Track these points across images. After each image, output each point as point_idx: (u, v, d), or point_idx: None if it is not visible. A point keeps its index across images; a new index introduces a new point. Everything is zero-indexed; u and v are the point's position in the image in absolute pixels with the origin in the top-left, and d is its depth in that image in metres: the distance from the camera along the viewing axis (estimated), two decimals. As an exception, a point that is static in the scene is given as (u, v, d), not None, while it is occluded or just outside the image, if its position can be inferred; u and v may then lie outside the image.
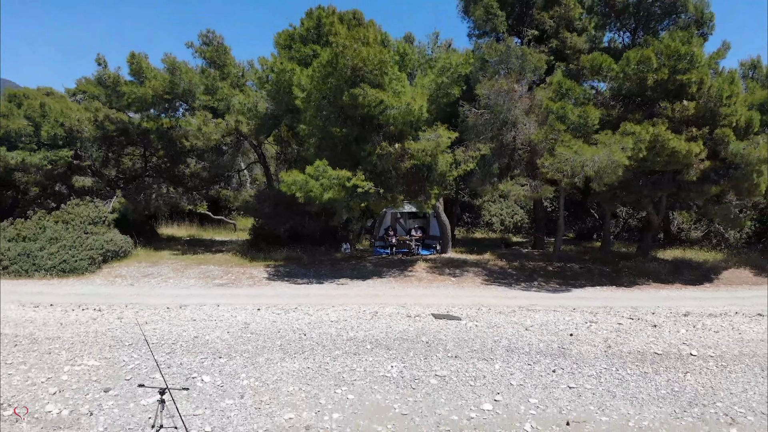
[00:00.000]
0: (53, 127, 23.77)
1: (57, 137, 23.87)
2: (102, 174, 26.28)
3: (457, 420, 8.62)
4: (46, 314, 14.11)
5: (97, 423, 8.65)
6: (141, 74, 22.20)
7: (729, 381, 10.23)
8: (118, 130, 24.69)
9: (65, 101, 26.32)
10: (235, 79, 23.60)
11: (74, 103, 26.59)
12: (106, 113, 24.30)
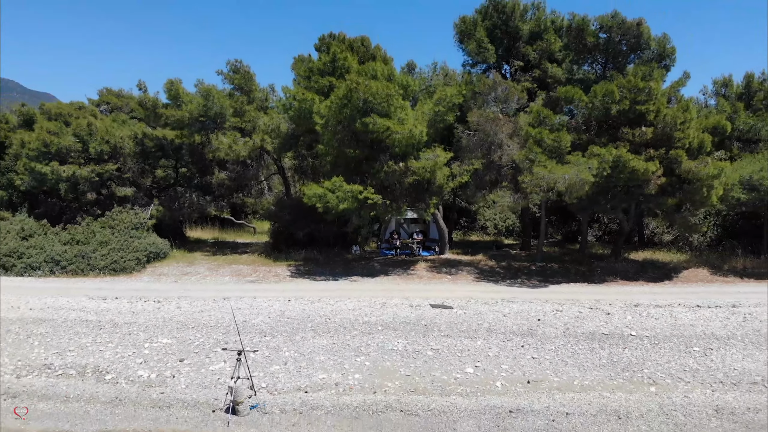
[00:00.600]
0: (99, 144, 26.80)
1: (103, 153, 26.91)
2: (139, 184, 29.26)
3: (447, 379, 11.55)
4: (116, 305, 17.08)
5: (180, 382, 11.58)
6: (178, 99, 25.20)
7: (657, 354, 13.12)
8: (155, 146, 27.70)
9: (108, 120, 29.27)
10: (259, 102, 26.61)
11: (115, 122, 29.52)
12: (146, 131, 27.31)
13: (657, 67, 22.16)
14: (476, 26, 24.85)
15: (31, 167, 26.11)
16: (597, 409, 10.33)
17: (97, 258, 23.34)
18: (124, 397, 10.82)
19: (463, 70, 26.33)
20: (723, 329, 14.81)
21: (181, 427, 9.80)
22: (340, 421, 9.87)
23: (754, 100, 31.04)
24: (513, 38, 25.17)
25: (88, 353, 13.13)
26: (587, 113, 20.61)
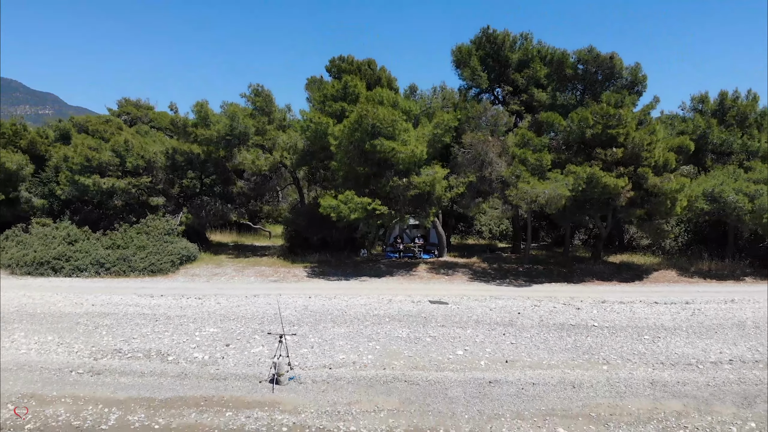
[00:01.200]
0: (135, 159, 29.64)
1: (138, 167, 29.76)
2: (168, 193, 32.07)
3: (441, 359, 14.32)
4: (164, 301, 19.90)
5: (229, 362, 14.36)
6: (207, 119, 28.02)
7: (613, 341, 15.87)
8: (184, 160, 30.53)
9: (143, 138, 32.06)
10: (278, 122, 29.43)
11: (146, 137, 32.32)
12: (176, 147, 30.14)
13: (629, 93, 24.89)
14: (471, 56, 27.65)
15: (74, 179, 28.94)
16: (557, 381, 13.10)
17: (137, 261, 26.18)
18: (189, 373, 13.63)
19: (459, 92, 29.13)
20: (672, 321, 17.56)
21: (237, 393, 12.59)
22: (358, 389, 12.65)
23: (727, 116, 33.71)
24: (503, 66, 27.97)
25: (150, 340, 15.94)
26: (566, 135, 23.34)
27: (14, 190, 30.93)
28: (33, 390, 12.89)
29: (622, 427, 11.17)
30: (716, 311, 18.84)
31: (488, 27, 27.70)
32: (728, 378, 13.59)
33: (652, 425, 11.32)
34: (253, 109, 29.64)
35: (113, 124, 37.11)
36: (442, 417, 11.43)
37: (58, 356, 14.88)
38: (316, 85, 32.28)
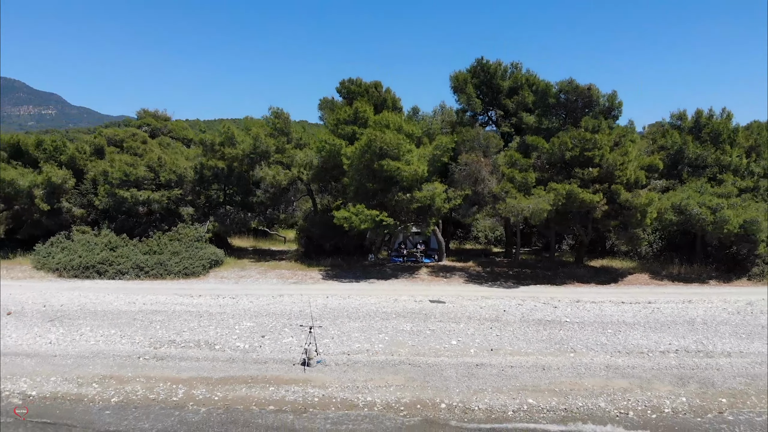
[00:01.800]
0: (168, 174, 32.77)
1: (170, 181, 32.88)
2: (196, 203, 35.16)
3: (438, 348, 17.35)
4: (203, 300, 23.00)
5: (266, 350, 17.41)
6: (233, 140, 31.14)
7: (581, 334, 18.88)
8: (211, 174, 33.64)
9: (173, 154, 35.15)
10: (296, 141, 32.51)
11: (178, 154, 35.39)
12: (204, 163, 33.26)
13: (606, 118, 27.88)
14: (466, 83, 30.70)
15: (114, 192, 32.07)
16: (531, 365, 16.13)
17: (172, 265, 29.28)
18: (235, 358, 16.71)
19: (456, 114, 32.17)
20: (632, 318, 20.58)
21: (276, 373, 15.64)
22: (372, 370, 15.70)
23: (703, 133, 36.65)
24: (496, 92, 31.01)
25: (197, 333, 19.02)
26: (549, 156, 26.33)
27: (57, 201, 34.04)
28: (111, 372, 15.96)
29: (578, 399, 14.20)
30: (673, 310, 21.84)
31: (482, 58, 30.84)
32: (670, 364, 16.60)
33: (602, 398, 14.33)
34: (273, 129, 32.73)
35: (139, 137, 40.33)
36: (438, 391, 14.47)
37: (123, 346, 17.98)
38: (328, 106, 35.45)
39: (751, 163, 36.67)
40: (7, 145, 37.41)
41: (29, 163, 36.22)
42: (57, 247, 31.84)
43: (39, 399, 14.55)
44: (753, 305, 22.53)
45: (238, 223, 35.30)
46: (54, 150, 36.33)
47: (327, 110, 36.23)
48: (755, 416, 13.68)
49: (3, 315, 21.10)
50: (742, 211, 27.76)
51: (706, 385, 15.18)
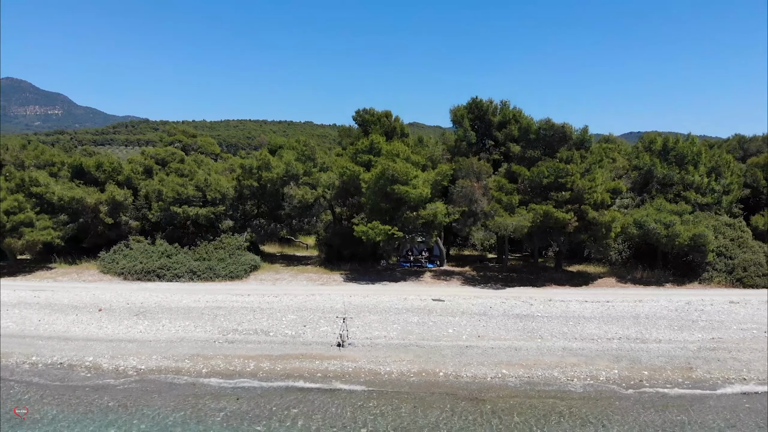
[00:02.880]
0: (213, 193, 38.07)
1: (215, 199, 38.18)
2: (235, 217, 40.43)
3: (438, 335, 22.49)
4: (252, 299, 28.22)
5: (308, 336, 22.59)
6: (269, 165, 36.38)
7: (549, 325, 23.95)
8: (249, 193, 38.93)
9: (218, 175, 40.35)
10: (320, 166, 37.76)
11: (223, 177, 40.59)
12: (244, 183, 38.53)
13: (578, 149, 32.91)
14: (463, 118, 35.86)
15: (167, 208, 37.37)
16: (507, 347, 21.23)
17: (220, 269, 34.56)
18: (287, 341, 21.92)
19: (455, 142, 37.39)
20: (591, 313, 25.65)
21: (318, 352, 20.81)
22: (389, 350, 20.85)
23: (670, 155, 41.61)
24: (488, 125, 36.13)
25: (253, 323, 24.22)
26: (530, 182, 31.40)
27: (118, 215, 39.37)
28: (196, 352, 21.15)
29: (539, 370, 19.27)
30: (625, 307, 26.89)
31: (476, 97, 36.02)
32: (612, 347, 21.64)
33: (557, 370, 19.40)
34: (301, 155, 37.99)
35: (177, 156, 45.81)
36: (437, 364, 19.62)
37: (198, 333, 23.20)
38: (346, 133, 40.84)
39: (712, 181, 41.58)
40: (70, 166, 42.94)
41: (90, 182, 41.55)
42: (119, 254, 37.15)
43: (148, 371, 19.74)
44: (690, 304, 27.56)
45: (269, 233, 40.61)
46: (112, 171, 41.74)
47: (345, 136, 41.55)
48: (665, 384, 18.73)
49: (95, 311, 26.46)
50: (692, 226, 32.67)
51: (634, 362, 20.22)
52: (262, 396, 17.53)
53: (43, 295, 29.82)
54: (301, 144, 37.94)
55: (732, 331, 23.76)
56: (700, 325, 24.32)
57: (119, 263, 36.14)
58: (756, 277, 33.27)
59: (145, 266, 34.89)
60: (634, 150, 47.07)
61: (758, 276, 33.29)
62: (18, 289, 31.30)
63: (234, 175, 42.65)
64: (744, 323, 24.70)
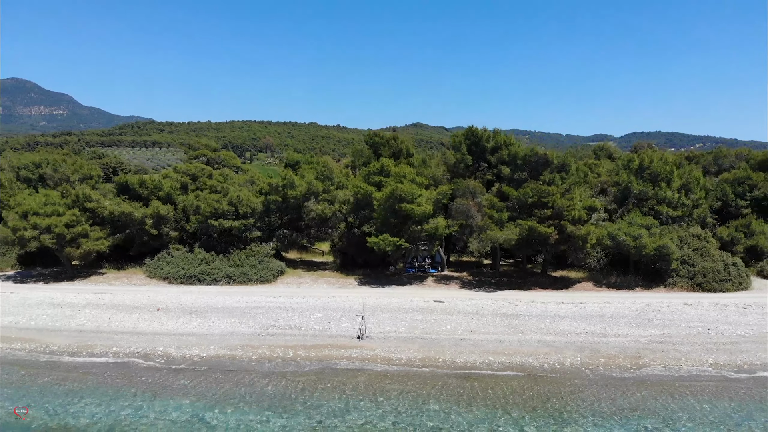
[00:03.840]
0: (245, 207, 42.98)
1: (246, 213, 43.09)
2: (261, 228, 45.30)
3: (438, 329, 27.28)
4: (283, 300, 33.08)
5: (333, 330, 27.44)
6: (293, 184, 41.29)
7: (529, 322, 28.69)
8: (275, 207, 43.84)
9: (247, 191, 45.26)
10: (337, 184, 42.66)
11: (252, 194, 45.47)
12: (270, 199, 43.45)
13: (559, 172, 37.65)
14: (461, 143, 40.68)
15: (204, 221, 42.29)
16: (493, 339, 26.02)
17: (252, 274, 39.46)
18: (316, 334, 26.77)
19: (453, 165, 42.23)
20: (565, 313, 30.38)
21: (342, 342, 25.63)
22: (399, 341, 25.64)
23: (645, 173, 46.23)
24: (482, 150, 40.94)
25: (287, 320, 29.08)
26: (517, 200, 36.19)
27: (161, 227, 44.31)
28: (245, 343, 26.01)
29: (517, 357, 24.02)
30: (594, 308, 31.61)
31: (472, 126, 40.89)
32: (578, 340, 26.38)
33: (531, 357, 24.16)
34: (320, 174, 42.90)
35: (206, 171, 51.00)
36: (437, 352, 24.41)
37: (243, 328, 28.06)
38: (359, 154, 45.71)
39: (683, 197, 46.17)
40: (116, 184, 48.03)
41: (133, 197, 46.51)
42: (163, 261, 42.09)
43: (209, 358, 24.61)
44: (650, 306, 32.24)
45: (291, 241, 45.50)
46: (153, 187, 46.71)
47: (357, 156, 46.45)
48: (616, 369, 23.44)
49: (154, 310, 31.39)
50: (657, 238, 37.30)
51: (594, 352, 24.97)
52: (302, 375, 22.40)
53: (106, 297, 34.77)
54: (321, 165, 42.88)
55: (681, 328, 28.42)
56: (654, 323, 29.00)
57: (163, 269, 41.09)
58: (714, 282, 37.86)
59: (187, 271, 39.85)
60: (614, 167, 51.81)
61: (716, 281, 37.88)
62: (81, 292, 36.26)
63: (256, 188, 47.63)
64: (692, 322, 29.36)
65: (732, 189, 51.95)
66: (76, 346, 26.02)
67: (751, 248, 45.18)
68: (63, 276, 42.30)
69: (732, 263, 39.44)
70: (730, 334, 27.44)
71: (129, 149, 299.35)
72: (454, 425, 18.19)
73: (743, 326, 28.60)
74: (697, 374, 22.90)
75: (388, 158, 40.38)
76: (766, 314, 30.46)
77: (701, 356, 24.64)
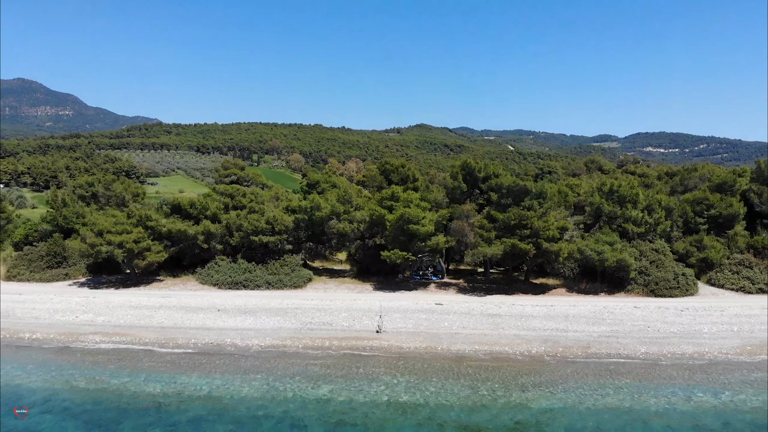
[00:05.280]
0: (279, 226, 50.34)
1: (280, 230, 50.50)
2: (291, 242, 52.75)
3: (438, 326, 34.61)
4: (314, 302, 40.50)
5: (357, 326, 34.84)
6: (319, 206, 48.71)
7: (508, 321, 35.94)
8: (304, 224, 51.28)
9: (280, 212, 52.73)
10: (356, 206, 50.09)
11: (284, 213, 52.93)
12: (299, 218, 50.89)
13: (537, 199, 44.87)
14: (458, 173, 48.03)
15: (246, 237, 49.76)
16: (479, 333, 33.31)
17: (287, 281, 46.91)
18: (344, 329, 34.17)
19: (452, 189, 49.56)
20: (538, 313, 37.59)
21: (364, 335, 32.97)
22: (408, 335, 32.95)
23: (614, 196, 53.30)
24: (475, 179, 48.27)
25: (321, 318, 36.46)
26: (502, 222, 43.44)
27: (209, 242, 51.80)
28: (292, 335, 33.42)
29: (497, 347, 31.31)
30: (561, 309, 38.79)
31: (467, 160, 48.28)
32: (545, 334, 33.60)
33: (508, 347, 31.42)
34: (341, 198, 50.36)
35: (241, 191, 58.76)
36: (437, 343, 31.72)
37: (288, 325, 35.49)
38: (372, 179, 53.09)
39: (646, 216, 53.19)
40: (170, 204, 55.66)
41: (184, 216, 54.05)
42: (212, 270, 49.61)
43: (266, 347, 31.99)
44: (606, 308, 39.41)
45: (316, 253, 52.97)
46: (202, 208, 54.30)
47: (371, 181, 53.82)
48: (570, 356, 30.66)
49: (215, 311, 38.85)
50: (617, 253, 44.40)
51: (555, 343, 32.18)
52: (337, 358, 29.81)
53: (172, 300, 42.28)
54: (342, 190, 50.34)
55: (626, 326, 35.56)
56: (606, 322, 36.18)
57: (213, 276, 48.62)
58: (664, 289, 44.92)
59: (233, 279, 47.38)
60: (590, 189, 58.94)
61: (666, 288, 44.95)
62: (150, 297, 43.78)
63: (282, 204, 55.10)
64: (636, 321, 36.49)
65: (692, 208, 58.74)
66: (162, 339, 33.43)
67: (704, 260, 52.02)
68: (129, 282, 49.88)
69: (681, 273, 46.49)
70: (664, 331, 34.53)
71: (138, 151, 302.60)
72: (448, 391, 25.50)
73: (676, 325, 35.70)
74: (630, 360, 30.08)
75: (397, 183, 47.81)
76: (697, 315, 37.58)
77: (636, 347, 31.76)
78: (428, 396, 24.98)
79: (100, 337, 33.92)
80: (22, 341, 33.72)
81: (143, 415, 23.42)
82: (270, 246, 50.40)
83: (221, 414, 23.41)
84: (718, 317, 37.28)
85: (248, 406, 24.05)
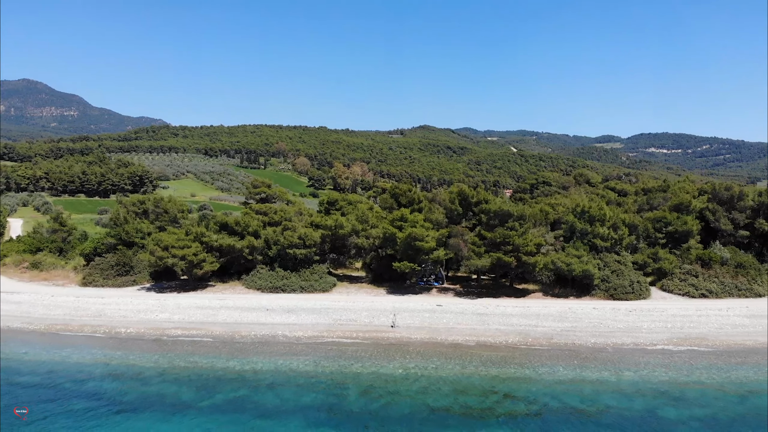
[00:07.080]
0: (309, 240, 59.39)
1: (310, 244, 59.48)
2: (318, 253, 61.67)
3: (438, 322, 43.52)
4: (340, 303, 49.46)
5: (376, 322, 43.80)
6: (342, 225, 57.67)
7: (493, 318, 44.77)
8: (329, 239, 60.26)
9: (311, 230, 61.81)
10: (372, 224, 59.08)
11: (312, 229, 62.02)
12: (324, 234, 59.87)
13: (518, 220, 53.64)
14: (455, 199, 56.99)
15: (283, 250, 58.78)
16: (470, 328, 42.19)
17: (317, 286, 55.90)
18: (366, 324, 43.14)
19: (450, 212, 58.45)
20: (517, 312, 46.38)
21: (382, 329, 41.89)
22: (415, 329, 41.81)
23: (585, 216, 61.99)
24: (468, 204, 57.23)
25: (347, 316, 45.41)
26: (490, 240, 52.22)
27: (252, 254, 60.82)
28: (326, 329, 42.40)
29: (483, 338, 40.17)
30: (535, 310, 47.54)
31: (461, 187, 57.12)
32: (519, 329, 42.39)
33: (491, 338, 40.27)
34: (359, 219, 59.37)
35: (272, 209, 68.02)
36: (437, 335, 40.62)
37: (323, 321, 44.47)
38: (384, 201, 62.11)
39: (612, 232, 61.85)
40: (219, 223, 64.88)
41: (230, 233, 63.16)
42: (255, 276, 58.64)
43: (309, 337, 40.94)
44: (570, 309, 48.16)
45: (339, 263, 62.02)
46: (246, 225, 63.40)
47: (383, 202, 62.83)
48: (537, 345, 39.48)
49: (264, 310, 47.90)
50: (583, 264, 53.10)
51: (527, 335, 40.97)
52: (362, 346, 38.79)
53: (228, 301, 51.35)
54: (360, 211, 59.40)
55: (584, 323, 44.29)
56: (569, 320, 44.94)
57: (256, 282, 57.69)
58: (622, 294, 53.57)
59: (273, 284, 56.43)
60: (565, 210, 67.70)
61: (623, 293, 53.58)
62: (210, 299, 52.83)
63: (307, 219, 64.16)
64: (592, 319, 45.21)
65: (653, 225, 67.37)
66: (229, 332, 42.40)
67: (659, 269, 60.56)
68: (188, 287, 58.97)
69: (637, 280, 55.16)
70: (612, 327, 43.24)
71: (147, 154, 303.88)
72: (445, 367, 34.39)
73: (623, 322, 44.41)
74: (581, 348, 38.85)
75: (405, 205, 56.82)
76: (641, 315, 46.27)
77: (588, 339, 40.51)
78: (430, 370, 33.90)
79: (180, 331, 42.89)
80: (120, 335, 42.65)
81: (232, 381, 32.48)
82: (300, 257, 59.43)
83: (287, 381, 32.43)
84: (658, 316, 45.93)
85: (305, 376, 33.03)
